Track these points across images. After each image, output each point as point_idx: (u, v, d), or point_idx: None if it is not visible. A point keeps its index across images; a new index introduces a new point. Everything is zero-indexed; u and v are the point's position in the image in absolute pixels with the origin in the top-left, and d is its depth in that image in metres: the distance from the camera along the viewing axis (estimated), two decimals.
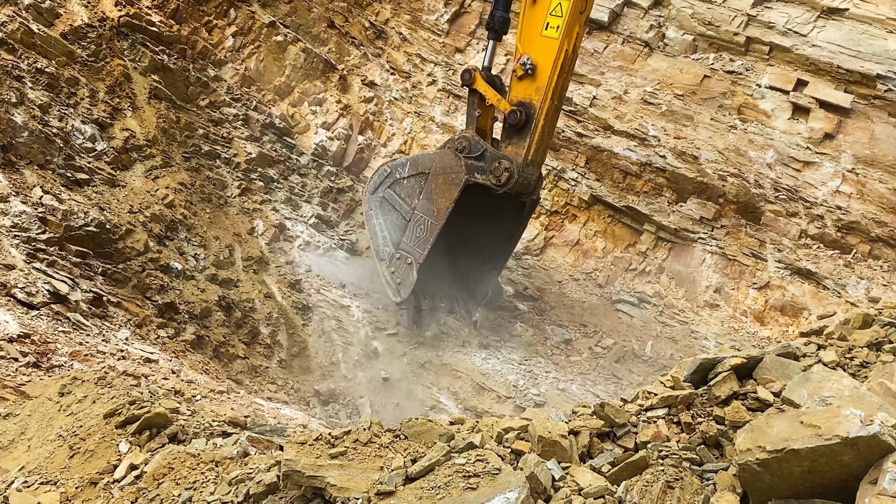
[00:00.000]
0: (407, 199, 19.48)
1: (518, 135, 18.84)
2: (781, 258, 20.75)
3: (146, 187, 19.79)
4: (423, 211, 19.14)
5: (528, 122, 18.63)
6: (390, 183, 19.82)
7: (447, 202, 18.82)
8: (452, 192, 18.79)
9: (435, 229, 18.90)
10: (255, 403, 14.59)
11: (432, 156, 19.63)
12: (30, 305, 14.20)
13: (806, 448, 5.26)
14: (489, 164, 18.79)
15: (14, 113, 17.74)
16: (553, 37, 18.17)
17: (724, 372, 6.75)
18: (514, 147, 18.88)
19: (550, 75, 18.28)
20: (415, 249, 19.16)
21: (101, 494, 7.99)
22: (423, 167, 19.40)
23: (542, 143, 19.04)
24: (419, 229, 19.13)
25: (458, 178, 18.75)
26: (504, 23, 19.79)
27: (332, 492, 6.28)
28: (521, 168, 18.64)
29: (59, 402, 10.18)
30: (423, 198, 19.18)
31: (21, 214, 16.04)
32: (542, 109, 18.53)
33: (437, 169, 19.12)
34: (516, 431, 6.76)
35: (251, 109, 23.47)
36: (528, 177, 18.98)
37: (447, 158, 19.08)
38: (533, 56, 18.40)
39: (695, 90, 22.35)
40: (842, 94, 20.69)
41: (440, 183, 19.02)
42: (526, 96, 18.66)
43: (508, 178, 18.56)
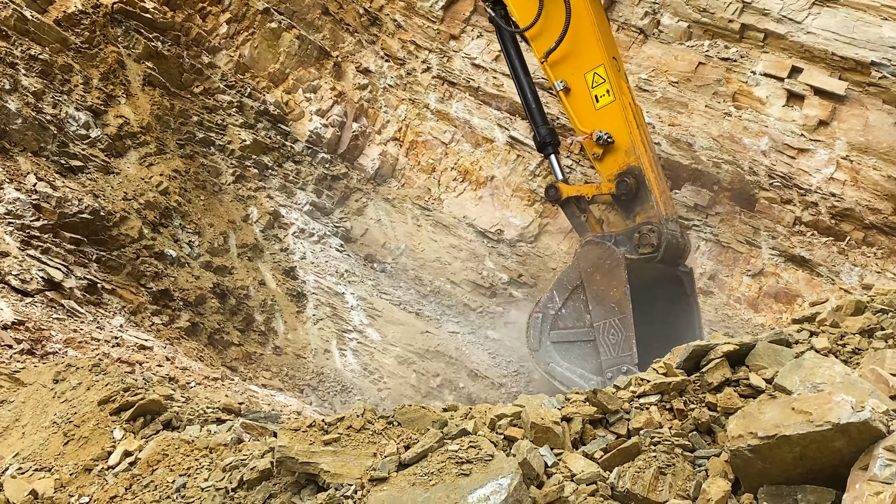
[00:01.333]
0: (578, 322, 17.50)
1: (638, 202, 17.42)
2: (775, 245, 20.77)
3: (140, 174, 19.77)
4: (603, 316, 17.05)
5: (639, 183, 17.26)
6: (550, 325, 17.80)
7: (620, 287, 16.91)
8: (619, 275, 16.95)
9: (627, 322, 16.76)
10: (250, 390, 14.62)
11: (573, 266, 17.89)
12: (24, 292, 14.20)
13: (797, 434, 5.29)
14: (630, 242, 17.24)
15: (8, 100, 17.70)
16: (609, 101, 17.32)
17: (716, 359, 6.77)
18: (643, 214, 17.37)
19: (631, 133, 17.26)
20: (621, 357, 16.74)
21: (96, 481, 8.00)
22: (572, 282, 17.67)
23: (665, 196, 17.66)
24: (611, 336, 16.90)
25: (615, 257, 17.06)
26: (553, 134, 18.97)
27: (326, 478, 6.30)
28: (664, 225, 17.08)
29: (53, 389, 10.19)
30: (594, 305, 17.17)
31: (15, 201, 16.01)
32: (646, 163, 17.28)
33: (588, 270, 17.39)
34: (509, 418, 6.78)
35: (245, 96, 23.43)
36: (673, 233, 17.36)
37: (591, 253, 17.44)
38: (603, 128, 17.28)
39: (689, 77, 22.33)
40: (836, 81, 20.68)
41: (599, 279, 17.24)
42: (620, 166, 17.40)
43: (659, 236, 16.94)
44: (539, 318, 17.90)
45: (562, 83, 17.66)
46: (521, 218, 23.25)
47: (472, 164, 24.17)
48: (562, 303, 17.68)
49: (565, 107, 17.92)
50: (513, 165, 23.76)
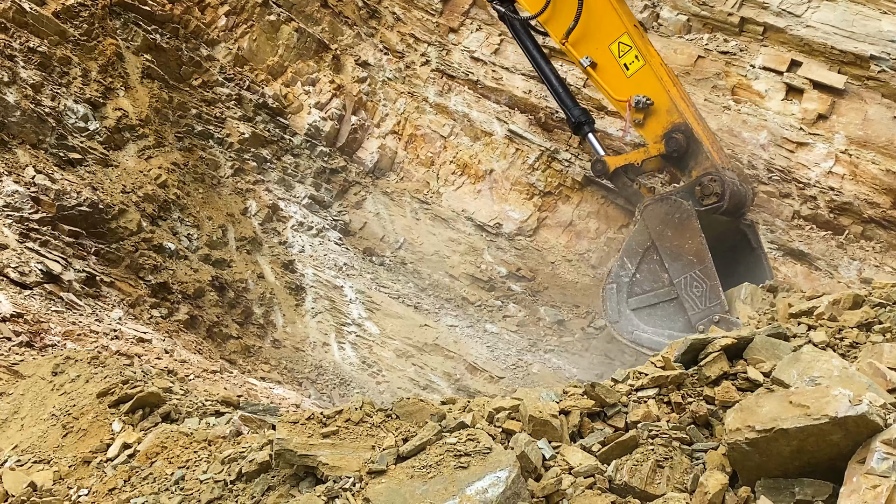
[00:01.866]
0: (656, 283, 16.95)
1: (691, 157, 17.02)
2: (774, 239, 20.78)
3: (139, 167, 19.76)
4: (681, 272, 16.52)
5: (689, 139, 16.91)
6: (626, 294, 17.24)
7: (695, 238, 16.41)
8: (693, 226, 16.45)
9: (709, 270, 16.21)
10: (248, 383, 14.63)
11: (640, 228, 17.32)
12: (23, 285, 14.20)
13: (795, 428, 5.30)
14: (692, 194, 16.74)
15: (6, 92, 17.68)
16: (640, 66, 17.09)
17: (714, 352, 6.78)
18: (698, 168, 16.93)
19: (669, 91, 17.05)
20: (710, 308, 16.11)
21: (95, 473, 8.01)
22: (642, 244, 17.14)
23: (716, 146, 17.40)
24: (695, 289, 16.35)
25: (684, 209, 16.57)
26: (586, 113, 18.74)
27: (324, 470, 6.31)
28: (723, 173, 16.67)
29: (52, 382, 10.20)
30: (670, 262, 16.63)
31: (14, 194, 16.01)
32: (690, 118, 17.05)
33: (657, 228, 16.88)
34: (507, 411, 6.79)
35: (244, 89, 23.41)
36: (734, 181, 16.96)
37: (657, 211, 16.95)
38: (640, 92, 17.06)
39: (689, 71, 22.31)
40: (835, 74, 20.67)
41: (671, 235, 16.71)
42: (665, 126, 17.09)
43: (722, 184, 16.45)
44: (614, 288, 17.39)
45: (587, 59, 17.50)
46: (519, 212, 23.25)
47: (471, 158, 24.16)
48: (635, 268, 17.18)
49: (595, 82, 17.77)
50: (511, 159, 23.75)
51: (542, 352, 20.27)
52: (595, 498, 5.81)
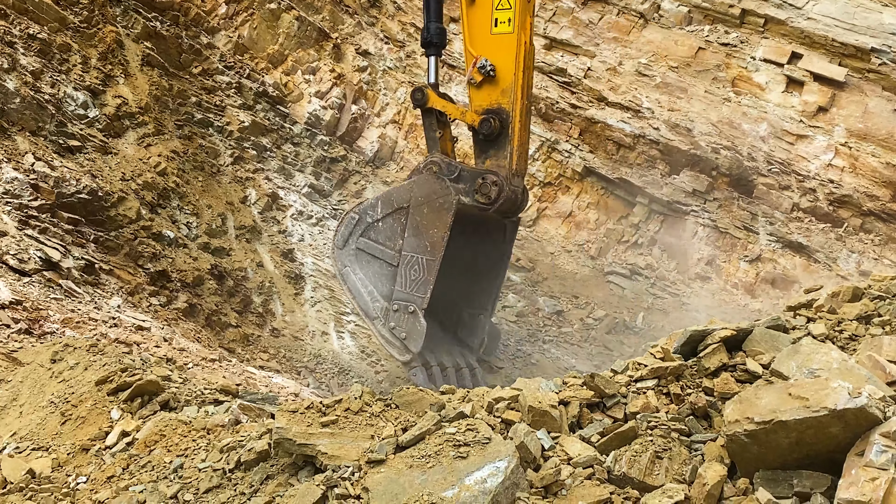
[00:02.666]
0: (388, 242, 16.90)
1: (495, 146, 16.91)
2: (773, 231, 20.79)
3: (138, 155, 19.74)
4: (413, 249, 16.59)
5: (503, 130, 16.72)
6: (362, 230, 17.16)
7: (441, 231, 16.34)
8: (444, 219, 16.36)
9: (433, 266, 16.36)
10: (247, 372, 14.64)
11: (407, 187, 17.23)
12: (21, 272, 14.20)
13: (794, 420, 5.31)
14: (470, 184, 16.75)
15: (6, 79, 17.65)
16: (507, 31, 16.44)
17: (713, 344, 6.78)
18: (494, 160, 16.91)
19: (515, 73, 16.54)
20: (414, 295, 16.44)
21: (93, 461, 8.02)
22: (400, 201, 16.91)
23: (522, 149, 17.19)
24: (413, 271, 16.54)
25: (448, 201, 16.42)
26: (442, 34, 17.87)
27: (323, 459, 6.32)
28: (508, 181, 16.72)
29: (50, 369, 10.20)
30: (410, 235, 16.61)
31: (13, 181, 15.99)
32: (516, 111, 16.71)
33: (419, 198, 16.72)
34: (506, 401, 6.80)
35: (244, 77, 23.38)
36: (515, 190, 17.04)
37: (427, 184, 16.82)
38: (490, 57, 16.55)
39: (689, 62, 22.29)
40: (836, 67, 20.66)
41: (426, 213, 16.57)
42: (492, 102, 16.78)
43: (498, 192, 16.51)
44: (354, 220, 17.24)
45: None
46: None
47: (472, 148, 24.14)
48: (382, 216, 16.99)
49: (463, 18, 17.08)
50: None
51: (541, 342, 20.28)
52: (594, 488, 5.82)
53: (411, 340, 16.52)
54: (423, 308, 16.26)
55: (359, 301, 17.11)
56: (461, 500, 5.59)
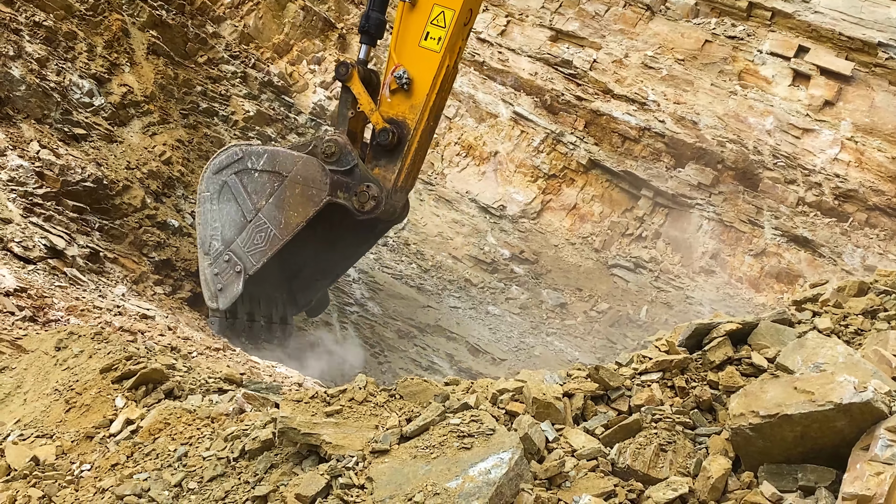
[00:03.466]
0: (253, 195, 16.95)
1: (388, 156, 16.79)
2: (778, 225, 20.77)
3: (143, 143, 19.73)
4: (269, 217, 16.75)
5: (400, 144, 16.62)
6: (238, 169, 17.13)
7: (299, 218, 16.59)
8: (308, 209, 16.57)
9: (277, 242, 16.68)
10: (251, 361, 14.64)
11: (295, 157, 16.95)
12: (26, 260, 14.20)
13: (799, 414, 5.30)
14: (355, 184, 16.58)
15: (11, 66, 17.64)
16: (434, 49, 16.17)
17: (718, 337, 6.76)
18: (383, 170, 16.80)
19: (428, 94, 16.33)
20: (248, 257, 16.75)
21: (97, 448, 8.03)
22: (283, 168, 16.91)
23: (413, 168, 17.13)
24: (258, 236, 16.76)
25: (320, 195, 16.50)
26: (380, 26, 17.43)
27: (328, 449, 6.32)
28: (389, 195, 16.67)
29: (55, 357, 10.21)
30: (273, 203, 16.74)
31: (18, 168, 15.99)
32: (417, 132, 16.56)
33: (298, 176, 16.73)
34: (511, 393, 6.79)
35: (249, 67, 23.36)
36: (395, 204, 17.05)
37: (312, 168, 16.69)
38: (410, 69, 16.32)
39: (696, 55, 22.26)
40: (843, 61, 20.63)
41: (297, 193, 16.68)
42: (399, 113, 16.58)
43: (374, 206, 16.45)
44: (237, 155, 17.19)
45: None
46: (523, 194, 23.24)
47: (476, 140, 24.13)
48: (261, 169, 16.99)
49: (397, 19, 16.61)
50: (516, 141, 23.72)
51: (545, 335, 20.30)
52: (598, 480, 5.81)
53: (222, 297, 16.92)
54: (249, 274, 16.64)
55: (202, 231, 17.27)
56: (465, 490, 5.59)
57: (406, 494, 5.69)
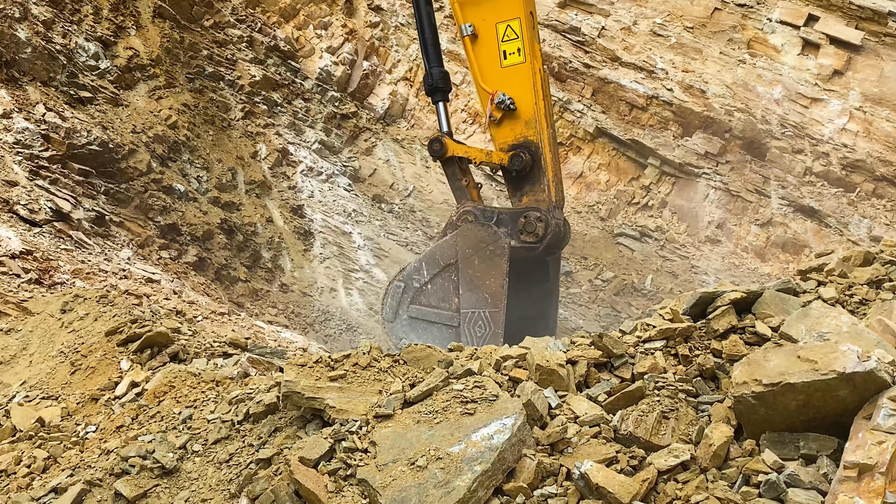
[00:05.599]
0: (442, 304, 16.03)
1: (528, 181, 16.08)
2: (785, 195, 20.71)
3: (149, 107, 19.70)
4: (473, 305, 15.78)
5: (534, 162, 15.90)
6: (411, 297, 16.26)
7: (498, 279, 15.53)
8: (500, 265, 15.51)
9: (498, 317, 15.52)
10: (256, 326, 14.69)
11: (451, 241, 16.13)
12: (32, 222, 14.23)
13: (802, 382, 5.30)
14: (512, 226, 15.87)
15: (17, 28, 17.58)
16: (519, 62, 15.73)
17: (723, 306, 6.76)
18: (531, 196, 16.08)
19: (536, 102, 15.82)
20: None
21: (102, 410, 8.07)
22: (446, 258, 16.00)
23: (557, 180, 16.42)
24: (478, 328, 15.74)
25: (499, 246, 15.58)
26: (446, 78, 16.96)
27: (332, 413, 6.34)
28: (551, 214, 15.86)
29: (60, 319, 10.24)
30: (465, 290, 15.80)
31: (24, 131, 15.98)
32: (544, 141, 15.96)
33: (467, 250, 15.81)
34: (514, 360, 6.80)
35: (256, 31, 23.25)
36: (558, 222, 16.19)
37: (473, 233, 15.86)
38: (507, 91, 15.73)
39: (705, 23, 22.11)
40: (853, 30, 20.47)
41: (477, 264, 15.76)
42: (517, 136, 15.94)
43: (545, 227, 15.61)
44: (401, 288, 16.30)
45: (470, 27, 15.91)
46: None
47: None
48: (430, 277, 16.14)
49: (469, 57, 16.18)
50: None
51: None
52: (600, 447, 5.83)
53: None
54: None
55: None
56: (468, 455, 5.62)
57: (409, 459, 5.72)
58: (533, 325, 16.68)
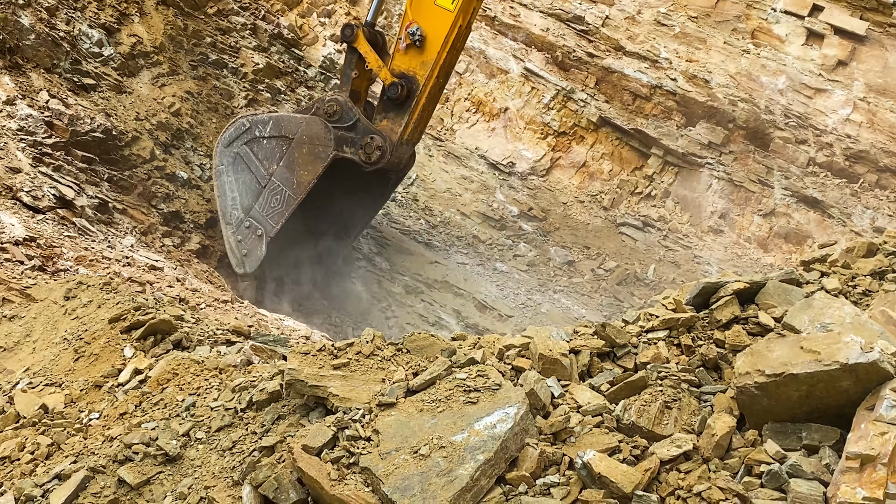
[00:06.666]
0: (265, 161, 17.53)
1: (396, 110, 17.20)
2: (788, 185, 20.69)
3: (153, 95, 19.67)
4: (282, 180, 17.34)
5: (409, 98, 16.99)
6: (248, 139, 17.69)
7: (310, 176, 17.17)
8: (317, 166, 17.15)
9: (292, 203, 17.23)
10: (259, 314, 14.69)
11: (299, 120, 17.58)
12: (35, 209, 14.23)
13: (805, 373, 5.31)
14: (360, 138, 17.06)
15: (21, 15, 17.56)
16: (448, 8, 16.38)
17: (726, 296, 6.75)
18: (390, 123, 17.26)
19: (440, 51, 16.62)
20: (267, 220, 17.32)
21: (106, 397, 8.09)
22: (288, 131, 17.50)
23: (420, 122, 17.60)
24: (274, 199, 17.33)
25: (325, 151, 17.06)
26: None
27: (334, 401, 6.36)
28: (395, 147, 17.08)
29: (64, 306, 10.26)
30: (284, 165, 17.32)
31: (27, 118, 15.98)
32: (426, 87, 16.91)
33: (303, 136, 17.31)
34: (517, 349, 6.81)
35: (259, 19, 23.20)
36: (401, 156, 17.61)
37: (315, 127, 17.24)
38: (423, 26, 16.59)
39: (709, 13, 22.06)
40: (857, 20, 20.43)
41: (304, 153, 17.27)
42: (410, 68, 16.96)
43: (380, 157, 16.90)
44: (245, 127, 17.78)
45: None
46: (533, 151, 23.14)
47: (486, 96, 24.00)
48: (268, 135, 17.62)
49: None
50: (527, 98, 23.60)
51: (552, 292, 20.31)
52: (602, 436, 5.84)
53: (248, 261, 17.51)
54: (270, 236, 17.19)
55: (221, 202, 17.72)
56: (470, 444, 5.63)
57: (412, 447, 5.73)
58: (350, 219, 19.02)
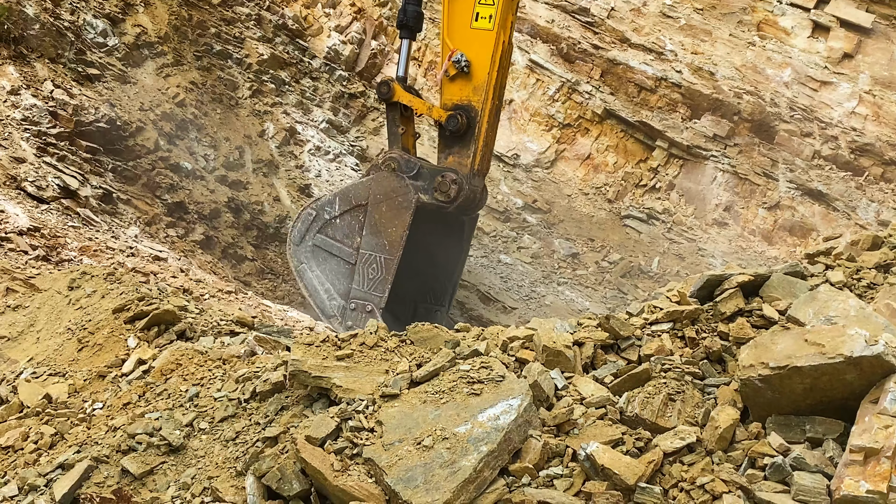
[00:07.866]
0: (345, 240, 16.78)
1: (460, 143, 16.61)
2: (793, 178, 20.65)
3: (157, 85, 19.68)
4: (371, 247, 16.53)
5: (470, 127, 16.45)
6: (319, 227, 17.00)
7: (399, 230, 16.34)
8: (403, 217, 16.33)
9: (391, 265, 16.36)
10: (263, 305, 14.72)
11: (365, 184, 17.00)
12: (40, 199, 14.26)
13: (809, 366, 5.31)
14: (430, 181, 16.49)
15: (25, 4, 17.56)
16: (487, 28, 16.09)
17: (730, 289, 6.76)
18: (457, 157, 16.65)
19: (490, 72, 16.23)
20: (371, 294, 16.50)
21: (109, 387, 8.10)
22: (358, 198, 16.75)
23: (487, 150, 17.02)
24: (371, 270, 16.49)
25: (407, 199, 16.36)
26: (419, 18, 17.39)
27: (338, 392, 6.37)
28: (469, 179, 16.47)
29: (68, 296, 10.27)
30: (368, 233, 16.54)
31: (32, 108, 15.99)
32: (485, 111, 16.43)
33: (378, 196, 16.57)
34: (521, 340, 6.81)
35: (264, 9, 23.17)
36: (475, 189, 16.78)
37: (387, 182, 16.58)
38: (466, 52, 16.16)
39: (714, 5, 22.01)
40: (863, 13, 20.37)
41: (384, 211, 16.50)
42: (463, 98, 16.48)
43: (458, 190, 16.26)
44: (311, 216, 17.05)
45: None
46: (537, 143, 23.10)
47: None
48: (339, 213, 16.86)
49: (444, 7, 16.53)
50: (531, 89, 23.56)
51: (556, 284, 20.31)
52: (606, 428, 5.85)
53: None
54: (381, 307, 16.25)
55: (315, 299, 16.94)
56: (474, 436, 5.63)
57: (415, 438, 5.74)
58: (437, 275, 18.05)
